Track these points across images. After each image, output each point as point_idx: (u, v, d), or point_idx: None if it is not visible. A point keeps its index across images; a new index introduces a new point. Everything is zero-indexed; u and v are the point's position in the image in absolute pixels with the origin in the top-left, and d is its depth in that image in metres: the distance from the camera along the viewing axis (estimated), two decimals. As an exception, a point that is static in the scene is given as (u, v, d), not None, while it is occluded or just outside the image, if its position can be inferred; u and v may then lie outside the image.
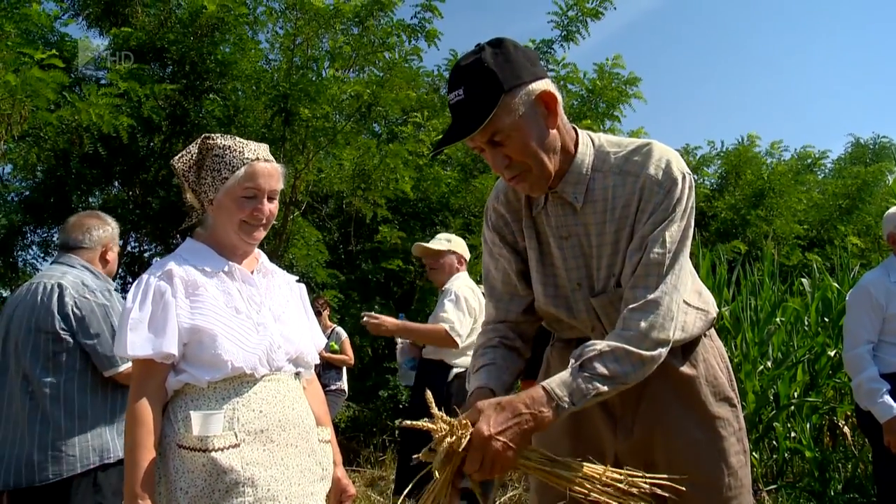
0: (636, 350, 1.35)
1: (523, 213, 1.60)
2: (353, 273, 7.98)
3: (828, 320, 4.99)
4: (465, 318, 3.53)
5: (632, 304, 1.39)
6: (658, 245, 1.40)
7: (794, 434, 4.80)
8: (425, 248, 3.80)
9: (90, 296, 2.48)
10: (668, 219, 1.42)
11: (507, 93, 1.37)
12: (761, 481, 4.56)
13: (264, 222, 1.79)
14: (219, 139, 1.78)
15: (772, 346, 4.89)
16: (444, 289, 3.70)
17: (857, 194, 10.94)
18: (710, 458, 1.51)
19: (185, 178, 1.81)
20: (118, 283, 7.05)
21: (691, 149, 11.54)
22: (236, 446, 1.63)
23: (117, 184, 7.15)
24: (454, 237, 3.89)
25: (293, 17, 6.64)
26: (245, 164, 1.75)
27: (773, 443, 4.82)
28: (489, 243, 1.67)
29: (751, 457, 4.42)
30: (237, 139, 1.80)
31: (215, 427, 1.63)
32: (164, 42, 6.45)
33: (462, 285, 3.64)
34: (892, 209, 3.15)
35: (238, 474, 1.61)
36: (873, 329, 2.98)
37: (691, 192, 1.46)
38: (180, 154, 1.82)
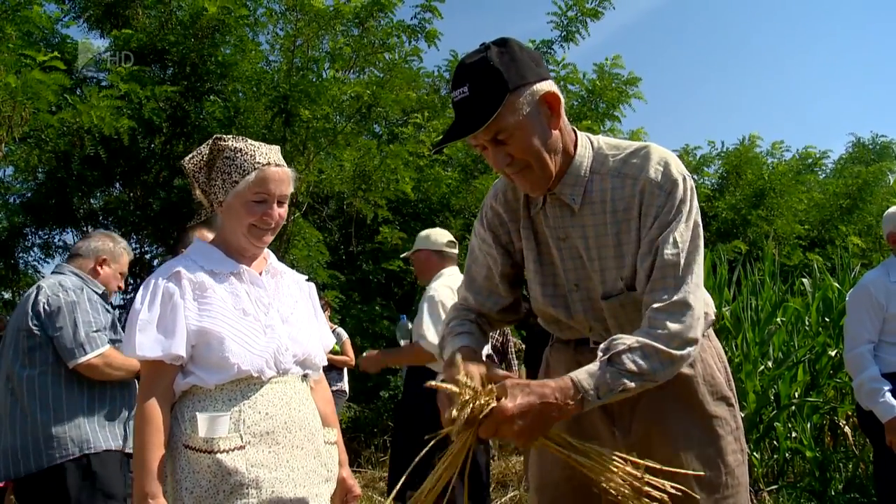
0: (665, 348, 1.35)
1: (521, 213, 1.61)
2: (353, 274, 7.99)
3: (828, 320, 4.99)
4: (440, 324, 3.37)
5: (656, 305, 1.39)
6: (670, 246, 1.40)
7: (794, 434, 4.80)
8: (404, 256, 3.84)
9: (62, 293, 2.60)
10: (674, 220, 1.42)
11: (511, 92, 1.37)
12: (762, 481, 4.56)
13: (273, 226, 1.79)
14: (230, 141, 1.77)
15: (772, 346, 4.89)
16: (426, 289, 3.61)
17: (858, 194, 10.95)
18: (708, 457, 1.52)
19: (194, 178, 1.81)
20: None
21: (691, 149, 11.55)
22: (242, 448, 1.64)
23: (118, 185, 7.14)
24: (434, 231, 3.79)
25: (293, 19, 6.64)
26: (256, 168, 1.73)
27: (774, 443, 4.82)
28: (480, 240, 1.67)
29: (752, 457, 4.44)
30: (249, 141, 1.78)
31: (221, 429, 1.64)
32: (164, 44, 6.45)
33: (441, 286, 3.50)
34: (892, 209, 3.15)
35: (243, 476, 1.62)
36: (874, 329, 2.98)
37: (693, 192, 1.47)
38: (191, 154, 1.82)
